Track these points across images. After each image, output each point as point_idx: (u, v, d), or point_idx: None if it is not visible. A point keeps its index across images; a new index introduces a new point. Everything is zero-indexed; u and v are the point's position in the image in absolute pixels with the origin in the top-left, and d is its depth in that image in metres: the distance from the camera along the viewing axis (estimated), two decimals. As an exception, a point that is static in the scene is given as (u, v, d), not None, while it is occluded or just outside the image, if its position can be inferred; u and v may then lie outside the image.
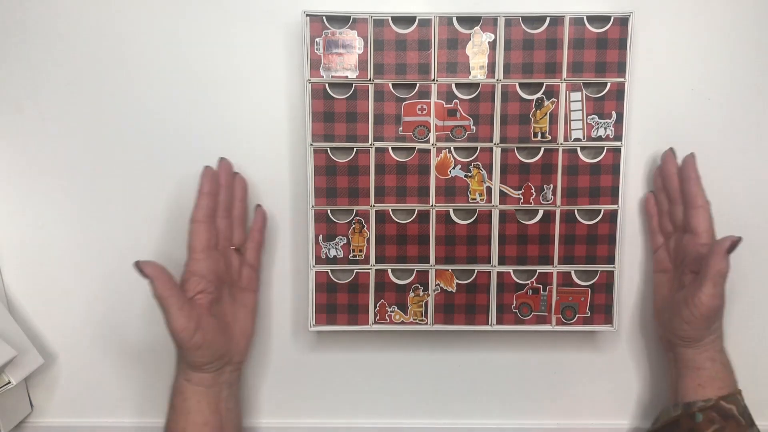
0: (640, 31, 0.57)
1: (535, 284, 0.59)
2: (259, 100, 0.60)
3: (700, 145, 0.60)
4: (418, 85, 0.56)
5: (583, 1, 0.58)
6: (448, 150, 0.57)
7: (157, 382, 0.63)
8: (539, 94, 0.56)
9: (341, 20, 0.55)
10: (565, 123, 0.57)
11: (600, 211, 0.58)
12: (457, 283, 0.59)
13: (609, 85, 0.56)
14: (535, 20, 0.55)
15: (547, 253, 0.58)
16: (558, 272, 0.59)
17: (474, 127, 0.57)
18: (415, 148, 0.57)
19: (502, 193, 0.58)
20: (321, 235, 0.58)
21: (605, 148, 0.57)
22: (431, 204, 0.58)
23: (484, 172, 0.58)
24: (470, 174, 0.58)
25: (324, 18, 0.55)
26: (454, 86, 0.56)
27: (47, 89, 0.59)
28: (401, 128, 0.57)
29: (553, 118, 0.57)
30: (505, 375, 0.64)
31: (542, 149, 0.57)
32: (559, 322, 0.59)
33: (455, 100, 0.56)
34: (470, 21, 0.55)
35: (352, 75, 0.56)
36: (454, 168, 0.57)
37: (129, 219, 0.61)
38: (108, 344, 0.63)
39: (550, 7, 0.58)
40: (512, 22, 0.55)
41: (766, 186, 0.61)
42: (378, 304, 0.59)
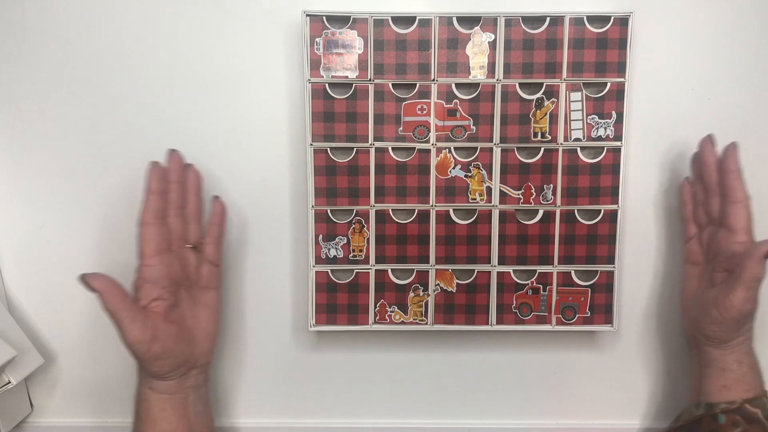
0: (640, 31, 0.57)
1: (535, 284, 0.59)
2: (259, 100, 0.60)
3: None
4: (418, 85, 0.56)
5: (583, 1, 0.58)
6: (448, 150, 0.57)
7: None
8: (539, 94, 0.56)
9: (341, 20, 0.55)
10: (565, 123, 0.57)
11: (600, 211, 0.58)
12: (457, 283, 0.59)
13: (609, 85, 0.56)
14: (535, 20, 0.55)
15: (547, 253, 0.58)
16: (558, 272, 0.59)
17: (474, 127, 0.57)
18: (415, 148, 0.57)
19: (502, 193, 0.58)
20: (321, 235, 0.58)
21: (605, 148, 0.57)
22: (431, 204, 0.58)
23: (484, 172, 0.58)
24: (470, 174, 0.58)
25: (324, 18, 0.55)
26: (454, 86, 0.56)
27: (47, 89, 0.59)
28: (401, 128, 0.57)
29: (553, 118, 0.57)
30: (505, 375, 0.64)
31: (542, 149, 0.57)
32: (559, 322, 0.59)
33: (455, 100, 0.56)
34: (470, 21, 0.55)
35: (352, 75, 0.56)
36: (454, 168, 0.57)
37: (129, 219, 0.61)
38: (108, 344, 0.63)
39: (550, 7, 0.58)
40: (512, 22, 0.55)
41: (766, 185, 0.61)
42: (378, 304, 0.59)
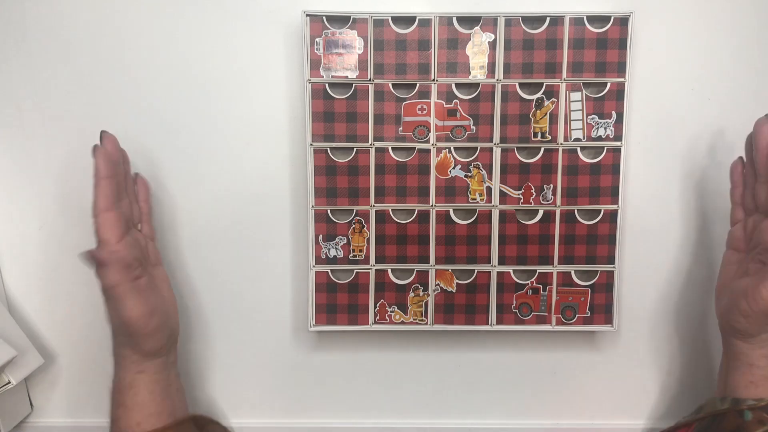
0: (640, 31, 0.57)
1: (535, 284, 0.59)
2: (259, 100, 0.60)
3: (699, 145, 0.60)
4: (418, 85, 0.56)
5: (583, 1, 0.58)
6: (448, 150, 0.57)
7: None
8: (539, 94, 0.56)
9: (341, 20, 0.55)
10: (565, 123, 0.57)
11: (600, 211, 0.58)
12: (457, 283, 0.59)
13: (609, 85, 0.56)
14: (535, 20, 0.55)
15: (547, 253, 0.58)
16: (558, 272, 0.59)
17: (474, 127, 0.57)
18: (415, 148, 0.57)
19: (502, 193, 0.58)
20: (321, 235, 0.58)
21: (605, 148, 0.57)
22: (431, 204, 0.58)
23: (484, 172, 0.58)
24: (470, 174, 0.58)
25: (324, 18, 0.55)
26: (454, 86, 0.56)
27: (47, 89, 0.59)
28: (401, 128, 0.57)
29: (553, 118, 0.57)
30: (505, 375, 0.64)
31: (542, 149, 0.57)
32: (559, 322, 0.59)
33: (455, 100, 0.56)
34: (470, 21, 0.55)
35: (352, 75, 0.56)
36: (454, 168, 0.57)
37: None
38: (108, 344, 0.63)
39: (550, 7, 0.58)
40: (512, 22, 0.55)
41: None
42: (378, 304, 0.59)
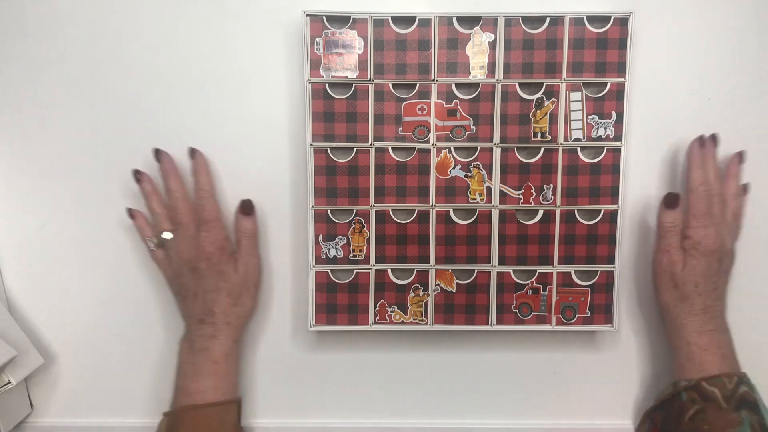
0: (640, 31, 0.57)
1: (535, 284, 0.59)
2: (259, 100, 0.60)
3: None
4: (418, 85, 0.56)
5: (583, 1, 0.58)
6: (448, 150, 0.57)
7: (158, 381, 0.63)
8: (539, 94, 0.56)
9: (341, 20, 0.55)
10: (565, 123, 0.57)
11: (600, 211, 0.58)
12: (457, 283, 0.59)
13: (609, 85, 0.56)
14: (535, 20, 0.55)
15: (547, 253, 0.58)
16: (558, 272, 0.59)
17: (474, 127, 0.57)
18: (415, 148, 0.57)
19: (502, 193, 0.58)
20: (321, 235, 0.58)
21: (605, 148, 0.57)
22: (431, 204, 0.58)
23: (484, 172, 0.58)
24: (470, 174, 0.58)
25: (324, 18, 0.55)
26: (454, 86, 0.56)
27: (47, 89, 0.59)
28: (401, 128, 0.57)
29: (553, 118, 0.57)
30: (505, 375, 0.64)
31: (542, 149, 0.57)
32: (559, 322, 0.59)
33: (455, 100, 0.56)
34: (470, 21, 0.55)
35: (352, 75, 0.56)
36: (454, 168, 0.57)
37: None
38: (108, 344, 0.63)
39: (550, 7, 0.58)
40: (512, 22, 0.55)
41: (765, 185, 0.61)
42: (378, 304, 0.59)
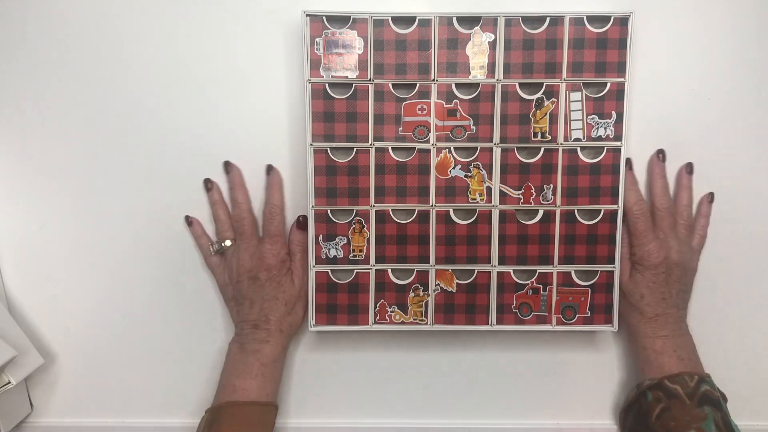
0: (640, 31, 0.57)
1: (535, 284, 0.59)
2: (259, 100, 0.60)
3: (699, 145, 0.60)
4: (418, 85, 0.56)
5: (583, 1, 0.58)
6: (448, 150, 0.57)
7: (158, 381, 0.63)
8: (539, 94, 0.56)
9: (341, 20, 0.55)
10: (565, 123, 0.57)
11: (600, 211, 0.58)
12: (457, 283, 0.59)
13: (609, 85, 0.56)
14: (535, 20, 0.55)
15: (547, 253, 0.58)
16: (558, 272, 0.59)
17: (474, 127, 0.57)
18: (415, 148, 0.57)
19: (502, 193, 0.58)
20: (321, 235, 0.58)
21: (605, 148, 0.57)
22: (431, 204, 0.58)
23: (484, 172, 0.58)
24: (470, 174, 0.58)
25: (324, 18, 0.55)
26: (454, 86, 0.56)
27: (47, 89, 0.59)
28: (401, 128, 0.57)
29: (553, 118, 0.57)
30: (505, 375, 0.64)
31: (542, 149, 0.57)
32: (559, 322, 0.59)
33: (455, 100, 0.56)
34: (470, 21, 0.55)
35: (352, 75, 0.56)
36: (454, 168, 0.57)
37: (129, 219, 0.61)
38: (108, 344, 0.63)
39: (550, 7, 0.58)
40: (512, 22, 0.55)
41: (765, 185, 0.61)
42: (378, 304, 0.59)
